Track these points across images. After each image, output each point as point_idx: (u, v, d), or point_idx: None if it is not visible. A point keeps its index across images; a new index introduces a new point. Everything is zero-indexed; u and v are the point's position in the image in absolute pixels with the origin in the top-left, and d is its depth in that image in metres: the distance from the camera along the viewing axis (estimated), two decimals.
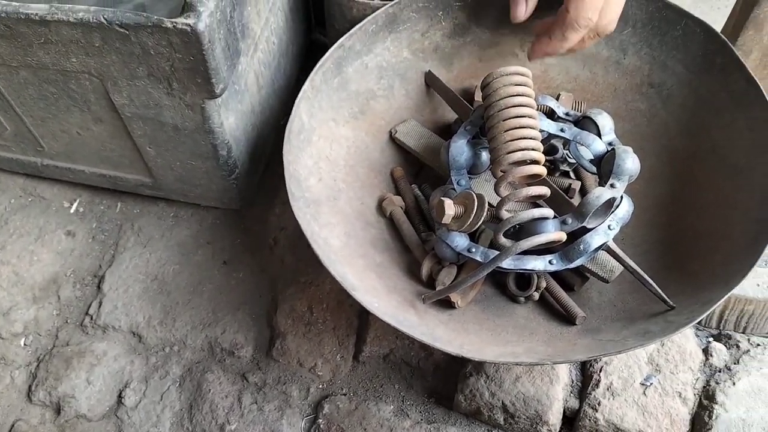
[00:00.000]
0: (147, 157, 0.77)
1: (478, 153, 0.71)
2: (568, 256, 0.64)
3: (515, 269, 0.64)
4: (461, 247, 0.66)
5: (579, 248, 0.63)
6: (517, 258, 0.64)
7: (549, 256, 0.64)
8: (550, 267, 0.64)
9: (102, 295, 0.82)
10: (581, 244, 0.63)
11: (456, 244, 0.66)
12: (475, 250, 0.65)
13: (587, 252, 0.63)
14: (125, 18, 0.60)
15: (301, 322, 0.76)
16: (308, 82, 0.72)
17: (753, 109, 0.68)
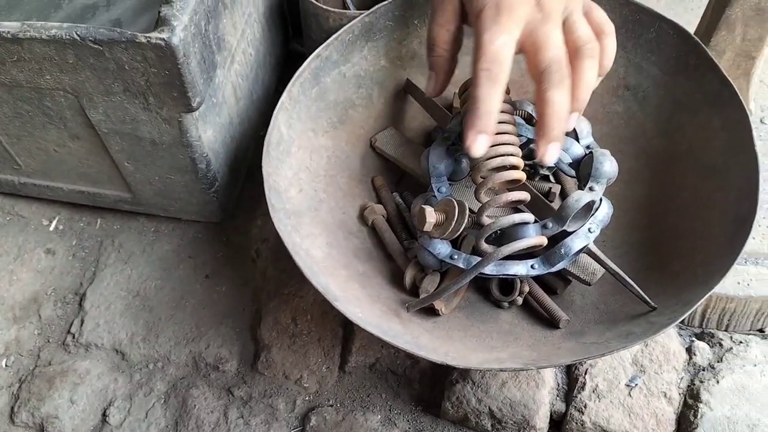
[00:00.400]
0: (125, 172, 0.77)
1: (458, 159, 0.72)
2: (549, 261, 0.64)
3: (498, 275, 0.64)
4: (443, 255, 0.66)
5: (560, 252, 0.64)
6: (499, 264, 0.64)
7: (531, 261, 0.64)
8: (532, 272, 0.64)
9: (84, 312, 0.81)
10: (562, 248, 0.64)
11: (438, 251, 0.66)
12: (457, 257, 0.65)
13: (568, 256, 0.64)
14: (99, 34, 0.59)
15: (285, 334, 0.75)
16: (286, 93, 0.72)
17: (727, 109, 0.68)
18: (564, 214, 0.63)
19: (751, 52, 0.76)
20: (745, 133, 0.66)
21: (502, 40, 0.57)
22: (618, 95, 0.78)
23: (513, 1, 0.57)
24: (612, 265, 0.65)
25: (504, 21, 0.57)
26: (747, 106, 0.80)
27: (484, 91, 0.57)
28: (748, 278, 0.72)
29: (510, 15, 0.57)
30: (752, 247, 0.74)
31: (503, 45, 0.57)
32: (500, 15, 0.57)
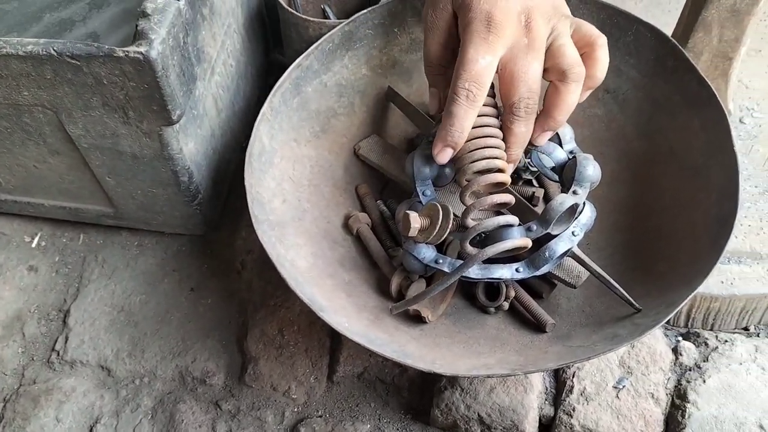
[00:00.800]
0: (107, 187, 0.76)
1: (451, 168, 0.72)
2: (534, 264, 0.64)
3: (482, 278, 0.64)
4: (428, 259, 0.65)
5: (545, 255, 0.64)
6: (484, 267, 0.64)
7: (515, 265, 0.65)
8: (517, 275, 0.64)
9: (68, 329, 0.80)
10: (546, 251, 0.64)
11: (423, 256, 0.66)
12: (442, 261, 0.65)
13: (553, 258, 0.64)
14: (76, 49, 0.59)
15: (272, 345, 0.75)
16: (267, 103, 0.72)
17: (706, 110, 0.69)
18: (548, 217, 0.63)
19: (728, 53, 0.77)
20: (724, 133, 0.67)
21: (486, 61, 0.58)
22: (598, 98, 0.78)
23: (503, 19, 0.57)
24: (596, 267, 0.65)
25: (492, 39, 0.58)
26: (726, 106, 0.81)
27: (461, 111, 0.59)
28: (732, 277, 0.72)
29: (498, 34, 0.58)
30: (735, 246, 0.74)
31: (486, 66, 0.58)
32: (489, 33, 0.58)
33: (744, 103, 0.86)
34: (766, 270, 0.73)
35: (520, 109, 0.60)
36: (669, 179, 0.72)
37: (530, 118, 0.61)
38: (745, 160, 0.81)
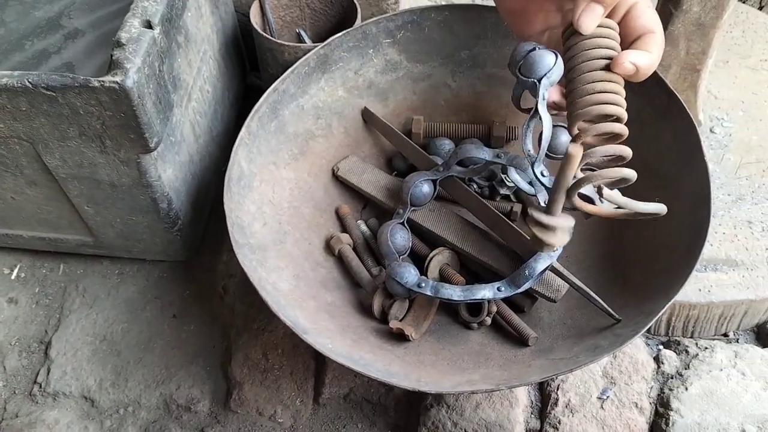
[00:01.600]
0: (86, 216, 0.76)
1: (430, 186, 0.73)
2: (515, 282, 0.65)
3: (466, 300, 0.65)
4: (411, 283, 0.66)
5: (525, 273, 0.65)
6: (466, 289, 0.65)
7: (497, 284, 0.65)
8: (499, 294, 0.65)
9: (50, 361, 0.79)
10: (527, 269, 0.65)
11: (406, 280, 0.66)
12: (424, 285, 0.66)
13: (533, 276, 0.65)
14: (51, 80, 0.59)
15: (257, 369, 0.75)
16: (244, 128, 0.72)
17: (676, 121, 0.70)
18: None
19: (696, 65, 0.79)
20: (695, 143, 0.68)
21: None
22: None
23: None
24: (575, 280, 0.66)
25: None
26: (696, 117, 0.83)
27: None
28: (709, 285, 0.73)
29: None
30: (710, 254, 0.75)
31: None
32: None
33: (714, 113, 0.88)
34: (742, 276, 0.74)
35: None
36: (643, 190, 0.73)
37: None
38: (717, 168, 0.83)
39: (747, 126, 0.87)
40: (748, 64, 0.93)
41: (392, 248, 0.68)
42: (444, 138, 0.81)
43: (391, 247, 0.68)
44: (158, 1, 0.64)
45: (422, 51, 0.82)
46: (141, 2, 0.64)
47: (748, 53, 0.95)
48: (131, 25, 0.62)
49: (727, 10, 0.73)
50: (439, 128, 0.82)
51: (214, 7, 0.82)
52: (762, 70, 0.93)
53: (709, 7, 0.73)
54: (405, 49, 0.82)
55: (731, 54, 0.94)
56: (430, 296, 0.65)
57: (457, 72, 0.83)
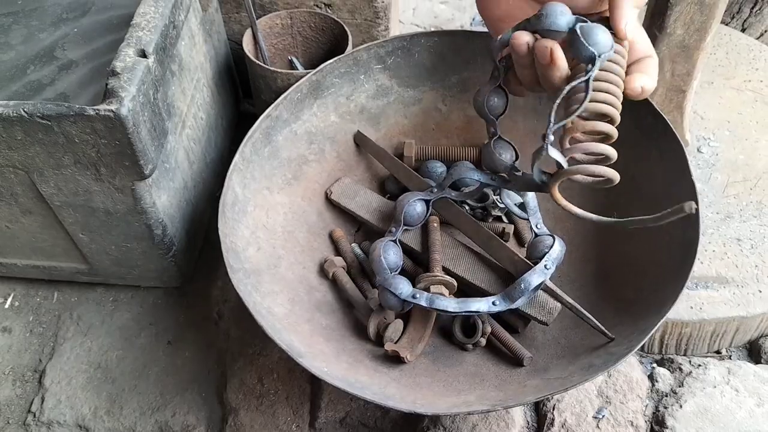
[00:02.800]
0: (81, 243, 0.76)
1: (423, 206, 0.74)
2: (510, 297, 0.66)
3: (461, 312, 0.65)
4: (405, 294, 0.66)
5: (520, 287, 0.65)
6: (461, 301, 0.65)
7: (492, 298, 0.66)
8: (493, 308, 0.65)
9: (44, 390, 0.79)
10: (522, 284, 0.65)
11: (400, 291, 0.66)
12: (419, 296, 0.66)
13: (528, 290, 0.65)
14: (46, 109, 0.60)
15: (252, 395, 0.74)
16: (238, 154, 0.73)
17: (662, 142, 0.72)
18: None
19: (681, 86, 0.80)
20: (682, 163, 0.69)
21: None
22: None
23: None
24: (569, 299, 0.66)
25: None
26: (683, 137, 0.84)
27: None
28: (700, 302, 0.74)
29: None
30: (701, 272, 0.76)
31: None
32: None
33: (700, 133, 0.90)
34: (732, 294, 0.75)
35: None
36: (632, 208, 0.74)
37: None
38: (705, 187, 0.84)
39: (733, 145, 0.88)
40: (732, 84, 0.95)
41: (384, 265, 0.68)
42: (436, 161, 0.82)
43: (383, 264, 0.69)
44: (152, 31, 0.65)
45: (413, 76, 0.83)
46: (135, 32, 0.65)
47: (732, 74, 0.96)
48: (126, 54, 0.63)
49: (710, 32, 0.75)
50: (431, 151, 0.83)
51: (207, 35, 0.83)
52: (746, 90, 0.94)
53: (693, 30, 0.75)
54: (396, 75, 0.83)
55: (716, 75, 0.96)
56: (425, 307, 0.65)
57: (448, 96, 0.85)
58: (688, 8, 0.72)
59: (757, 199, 0.83)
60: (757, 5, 1.07)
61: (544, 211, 0.77)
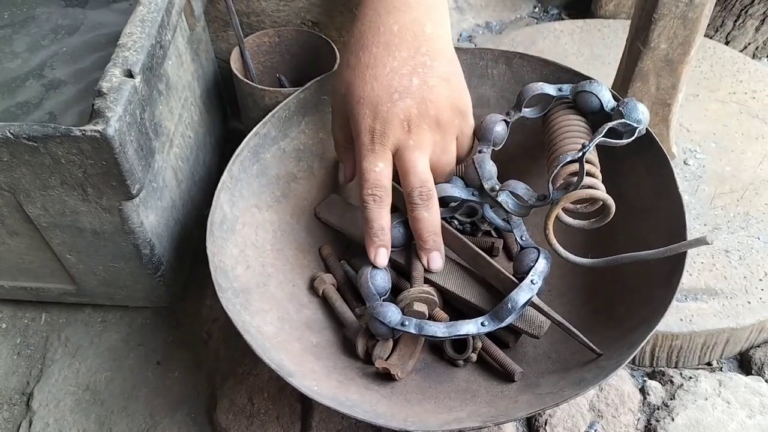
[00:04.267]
0: (68, 264, 0.75)
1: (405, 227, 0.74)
2: (498, 316, 0.66)
3: (450, 336, 0.65)
4: (394, 322, 0.66)
5: (507, 307, 0.65)
6: (450, 325, 0.65)
7: (480, 319, 0.66)
8: (482, 329, 0.65)
9: (32, 413, 0.78)
10: (509, 303, 0.65)
11: (389, 319, 0.66)
12: (408, 324, 0.66)
13: (516, 309, 0.65)
14: (32, 131, 0.59)
15: (242, 415, 0.74)
16: (226, 172, 0.73)
17: (649, 155, 0.72)
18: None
19: (666, 100, 0.81)
20: (669, 176, 0.70)
21: (379, 167, 0.66)
22: None
23: (385, 129, 0.65)
24: (555, 315, 0.66)
25: (378, 149, 0.66)
26: (669, 150, 0.85)
27: (374, 214, 0.67)
28: (690, 314, 0.74)
29: (383, 143, 0.65)
30: (690, 284, 0.77)
31: (380, 172, 0.66)
32: (374, 144, 0.65)
33: (687, 146, 0.90)
34: (722, 305, 0.75)
35: (414, 197, 0.66)
36: (620, 222, 0.74)
37: (428, 203, 0.67)
38: (693, 199, 0.84)
39: (719, 157, 0.89)
40: (717, 97, 0.96)
41: (373, 290, 0.68)
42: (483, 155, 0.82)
43: (371, 289, 0.69)
44: (139, 51, 0.65)
45: None
46: (122, 52, 0.65)
47: (717, 87, 0.97)
48: (112, 74, 0.63)
49: (694, 46, 0.76)
50: None
51: (194, 54, 0.83)
52: (731, 102, 0.95)
53: (677, 44, 0.75)
54: None
55: (701, 88, 0.97)
56: (415, 334, 0.65)
57: None
58: (671, 23, 0.73)
59: (744, 210, 0.83)
60: (740, 19, 1.08)
61: (533, 225, 0.78)
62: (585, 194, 0.65)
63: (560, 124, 0.73)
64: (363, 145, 0.66)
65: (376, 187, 0.66)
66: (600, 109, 0.72)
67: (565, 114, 0.74)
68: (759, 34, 1.10)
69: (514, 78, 0.82)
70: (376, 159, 0.65)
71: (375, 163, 0.65)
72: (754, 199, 0.84)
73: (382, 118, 0.64)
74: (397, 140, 0.65)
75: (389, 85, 0.64)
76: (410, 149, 0.65)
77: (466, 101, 0.69)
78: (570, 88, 0.74)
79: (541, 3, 1.25)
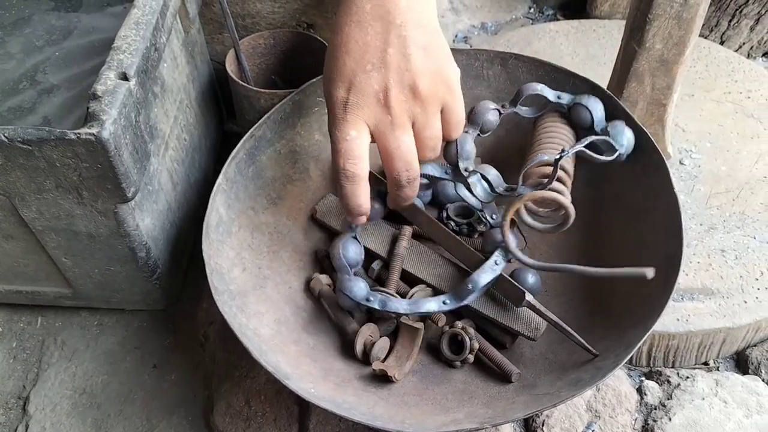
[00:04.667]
0: (63, 268, 0.75)
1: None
2: (459, 296, 0.68)
3: (412, 312, 0.67)
4: (359, 297, 0.68)
5: (467, 287, 0.68)
6: (412, 302, 0.68)
7: (442, 297, 0.68)
8: (444, 307, 0.68)
9: (28, 417, 0.78)
10: (469, 283, 0.67)
11: (355, 293, 0.68)
12: (372, 299, 0.68)
13: (476, 289, 0.67)
14: (27, 134, 0.59)
15: (239, 418, 0.74)
16: (222, 174, 0.73)
17: (644, 156, 0.72)
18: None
19: (662, 100, 0.81)
20: (664, 176, 0.70)
21: (351, 136, 0.60)
22: None
23: (358, 100, 0.60)
24: (552, 315, 0.66)
25: (350, 118, 0.60)
26: (665, 150, 0.85)
27: (348, 191, 0.62)
28: (686, 314, 0.74)
29: (355, 113, 0.60)
30: (686, 284, 0.77)
31: (353, 139, 0.60)
32: (347, 113, 0.60)
33: (682, 146, 0.90)
34: (718, 305, 0.75)
35: (401, 181, 0.62)
36: (617, 222, 0.75)
37: (413, 184, 0.63)
38: (689, 199, 0.84)
39: (715, 157, 0.89)
40: (712, 96, 0.96)
41: (344, 262, 0.70)
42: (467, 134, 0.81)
43: (343, 261, 0.70)
44: (134, 54, 0.65)
45: None
46: (116, 55, 0.65)
47: (712, 86, 0.98)
48: (107, 77, 0.62)
49: (688, 46, 0.76)
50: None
51: (189, 57, 0.83)
52: (726, 102, 0.95)
53: (672, 44, 0.75)
54: None
55: (696, 88, 0.97)
56: (378, 309, 0.68)
57: None
58: (666, 23, 0.73)
59: (740, 210, 0.83)
60: (735, 18, 1.09)
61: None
62: (550, 196, 0.66)
63: (548, 129, 0.74)
64: (335, 116, 0.61)
65: (349, 159, 0.60)
66: (590, 126, 0.73)
67: (556, 121, 0.75)
68: (753, 34, 1.10)
69: (510, 79, 0.82)
70: (348, 127, 0.60)
71: (347, 131, 0.60)
72: (749, 198, 0.84)
73: (356, 89, 0.59)
74: (374, 116, 0.60)
75: (362, 58, 0.60)
76: (390, 128, 0.60)
77: (449, 71, 0.62)
78: (569, 98, 0.74)
79: (537, 4, 1.26)
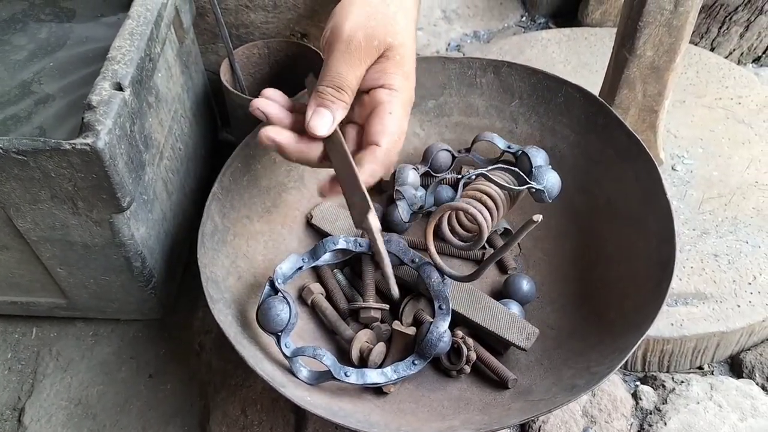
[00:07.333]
0: (59, 278, 0.75)
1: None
2: (423, 355, 0.67)
3: (361, 384, 0.66)
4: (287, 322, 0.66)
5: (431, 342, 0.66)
6: (360, 372, 0.66)
7: (411, 357, 0.68)
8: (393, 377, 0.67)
9: (23, 428, 0.77)
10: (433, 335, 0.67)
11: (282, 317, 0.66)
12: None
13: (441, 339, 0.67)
14: (22, 145, 0.59)
15: (235, 426, 0.74)
16: (217, 183, 0.73)
17: (637, 162, 0.73)
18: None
19: (653, 106, 0.82)
20: (656, 182, 0.70)
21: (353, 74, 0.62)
22: None
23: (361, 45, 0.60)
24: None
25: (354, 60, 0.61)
26: (657, 156, 0.85)
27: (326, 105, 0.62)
28: (680, 319, 0.75)
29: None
30: (680, 288, 0.77)
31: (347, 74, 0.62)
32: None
33: (674, 152, 0.91)
34: (712, 309, 0.76)
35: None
36: (610, 229, 0.75)
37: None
38: (681, 204, 0.85)
39: (707, 162, 0.90)
40: (703, 102, 0.97)
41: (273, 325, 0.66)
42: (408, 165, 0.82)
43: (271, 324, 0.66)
44: (128, 64, 0.65)
45: None
46: (111, 65, 0.65)
47: (703, 92, 0.98)
48: (102, 87, 0.63)
49: (679, 53, 0.77)
50: None
51: (184, 66, 0.83)
52: (717, 108, 0.96)
53: (662, 51, 0.76)
54: None
55: (687, 94, 0.98)
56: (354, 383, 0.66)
57: (425, 121, 0.86)
58: (656, 30, 0.74)
59: (732, 215, 0.84)
60: (725, 25, 1.10)
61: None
62: (463, 207, 0.67)
63: (477, 186, 0.74)
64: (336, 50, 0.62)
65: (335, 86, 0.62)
66: (530, 171, 0.73)
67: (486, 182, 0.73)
68: (743, 41, 1.11)
69: (503, 87, 0.82)
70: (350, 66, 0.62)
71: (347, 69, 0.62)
72: (741, 203, 0.85)
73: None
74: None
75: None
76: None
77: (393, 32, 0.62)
78: (517, 148, 0.74)
79: (529, 12, 1.27)
